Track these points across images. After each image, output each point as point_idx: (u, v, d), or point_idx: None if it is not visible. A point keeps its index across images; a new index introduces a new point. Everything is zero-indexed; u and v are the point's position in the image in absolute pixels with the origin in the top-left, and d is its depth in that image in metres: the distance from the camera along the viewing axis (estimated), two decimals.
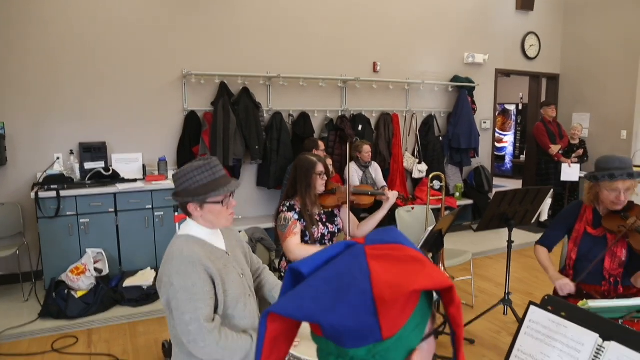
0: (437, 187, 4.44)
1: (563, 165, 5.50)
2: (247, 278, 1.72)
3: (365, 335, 0.50)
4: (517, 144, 9.90)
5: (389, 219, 3.89)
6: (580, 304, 1.49)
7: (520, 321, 1.30)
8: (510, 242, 3.01)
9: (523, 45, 6.43)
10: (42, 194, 3.49)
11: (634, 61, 5.93)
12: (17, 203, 3.81)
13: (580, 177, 5.53)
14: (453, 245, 3.97)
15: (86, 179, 3.85)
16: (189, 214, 1.62)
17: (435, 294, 0.58)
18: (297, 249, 2.23)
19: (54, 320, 3.21)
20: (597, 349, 1.12)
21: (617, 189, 2.12)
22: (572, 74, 6.66)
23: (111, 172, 3.95)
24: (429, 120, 5.72)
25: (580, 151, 5.78)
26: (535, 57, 6.55)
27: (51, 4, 3.87)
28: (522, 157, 8.86)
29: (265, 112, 4.70)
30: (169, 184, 3.95)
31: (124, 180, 3.95)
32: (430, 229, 2.60)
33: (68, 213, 3.58)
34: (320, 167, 2.36)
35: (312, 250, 2.23)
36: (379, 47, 5.33)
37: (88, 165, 3.93)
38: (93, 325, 3.22)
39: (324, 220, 2.43)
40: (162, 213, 3.88)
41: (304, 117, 4.85)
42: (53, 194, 3.51)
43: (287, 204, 2.35)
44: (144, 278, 3.64)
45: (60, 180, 3.69)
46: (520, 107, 9.78)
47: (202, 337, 1.45)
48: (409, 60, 5.56)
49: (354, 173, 4.52)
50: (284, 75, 4.68)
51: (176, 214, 3.38)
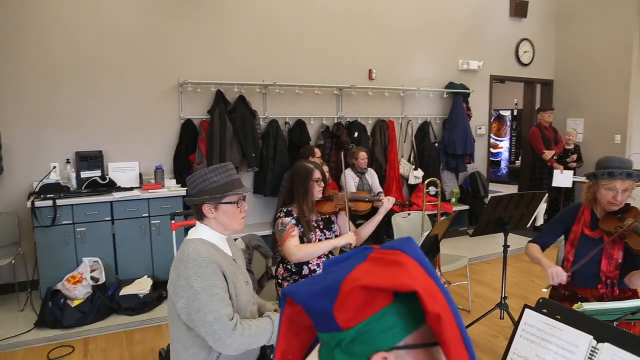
0: (432, 192, 4.47)
1: (555, 171, 5.54)
2: (250, 287, 1.76)
3: (325, 321, 0.52)
4: (513, 150, 9.96)
5: (386, 225, 3.92)
6: (575, 306, 1.50)
7: (516, 324, 1.30)
8: (505, 246, 3.02)
9: (517, 52, 6.50)
10: (38, 203, 3.49)
11: (626, 66, 6.01)
12: (13, 212, 3.81)
13: (575, 182, 5.56)
14: (450, 251, 3.98)
15: (82, 188, 3.86)
16: (201, 217, 1.65)
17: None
18: (297, 250, 2.24)
19: (50, 329, 3.20)
20: (592, 350, 1.14)
21: (614, 188, 2.11)
22: (565, 80, 6.74)
23: (107, 180, 3.96)
24: (424, 127, 5.76)
25: (574, 156, 5.82)
26: (529, 63, 6.62)
27: (48, 14, 3.90)
28: (518, 163, 8.91)
29: (262, 120, 4.72)
30: (166, 192, 3.97)
31: (121, 189, 3.96)
32: (425, 234, 2.61)
33: (64, 222, 3.58)
34: (317, 174, 2.37)
35: (311, 247, 2.25)
36: (374, 54, 5.39)
37: (84, 174, 3.94)
38: (89, 334, 3.21)
39: (321, 226, 2.44)
40: (158, 221, 3.89)
41: (300, 125, 4.88)
42: (49, 203, 3.52)
43: (285, 210, 2.37)
44: (140, 286, 3.63)
45: (56, 189, 3.70)
46: (515, 112, 9.85)
47: (228, 334, 1.48)
48: (404, 68, 5.61)
49: (350, 179, 4.55)
50: (279, 83, 4.72)
51: (172, 222, 3.38)
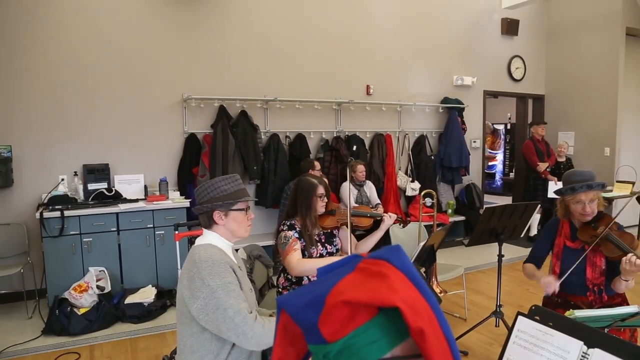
0: (429, 204, 4.59)
1: (550, 182, 5.69)
2: (253, 294, 1.82)
3: (311, 333, 0.53)
4: (507, 162, 10.14)
5: (384, 236, 4.02)
6: (567, 313, 1.57)
7: (509, 331, 1.35)
8: (500, 256, 3.08)
9: (509, 68, 6.70)
10: (46, 214, 3.59)
11: (614, 82, 6.22)
12: (22, 223, 3.91)
13: None
14: (446, 260, 4.09)
15: (89, 200, 3.97)
16: (210, 225, 1.71)
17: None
18: (299, 264, 2.26)
19: (57, 336, 3.28)
20: (582, 355, 1.17)
21: (580, 200, 2.21)
22: (556, 95, 6.94)
23: (114, 192, 4.07)
24: (420, 140, 5.92)
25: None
26: (521, 79, 6.82)
27: (53, 31, 4.04)
28: (512, 175, 9.07)
29: (263, 134, 4.86)
30: (170, 203, 4.07)
31: (126, 201, 4.07)
32: (422, 244, 2.71)
33: (72, 232, 3.68)
34: (320, 190, 2.42)
35: (312, 263, 2.27)
36: (371, 70, 5.56)
37: (91, 186, 4.05)
38: (95, 342, 3.27)
39: (323, 240, 2.48)
40: (162, 232, 3.98)
41: (300, 139, 5.02)
42: (57, 214, 3.61)
43: (288, 223, 2.41)
44: (145, 295, 3.72)
45: (64, 201, 3.81)
46: (508, 126, 10.05)
47: (250, 326, 1.51)
48: (400, 83, 5.79)
49: (348, 192, 4.65)
50: (280, 99, 4.87)
51: (176, 232, 3.48)
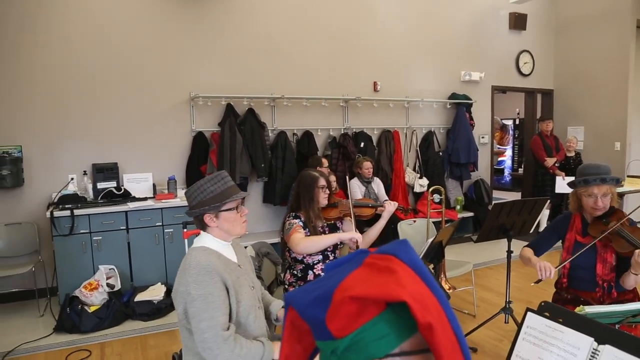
0: (437, 200, 4.57)
1: (557, 177, 5.63)
2: (257, 291, 1.79)
3: (319, 330, 0.52)
4: (516, 158, 10.05)
5: (393, 233, 4.02)
6: (578, 309, 1.54)
7: (518, 327, 1.34)
8: (509, 252, 3.05)
9: (517, 63, 6.64)
10: (57, 213, 3.63)
11: (623, 76, 6.13)
12: (33, 222, 3.95)
13: None
14: (455, 257, 4.06)
15: (99, 198, 4.00)
16: (204, 227, 1.70)
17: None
18: (301, 240, 2.30)
19: (68, 334, 3.32)
20: (593, 352, 1.16)
21: (593, 194, 2.17)
22: (565, 89, 6.87)
23: (123, 191, 4.10)
24: (428, 136, 5.89)
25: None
26: (530, 73, 6.76)
27: (60, 32, 4.07)
28: (521, 170, 9.00)
29: (270, 132, 4.86)
30: (178, 202, 4.08)
31: (135, 199, 4.09)
32: (430, 240, 2.70)
33: (82, 231, 3.71)
34: (322, 181, 2.46)
35: (314, 239, 2.31)
36: (378, 67, 5.54)
37: (101, 185, 4.08)
38: (106, 339, 3.30)
39: (327, 232, 2.52)
40: (171, 230, 4.00)
41: (307, 136, 5.02)
42: (67, 213, 3.65)
43: (293, 214, 2.47)
44: (154, 293, 3.74)
45: (74, 200, 3.85)
46: (517, 122, 9.96)
47: (217, 345, 1.49)
48: (408, 79, 5.76)
49: (356, 188, 4.66)
50: (287, 96, 4.87)
51: (185, 230, 3.50)
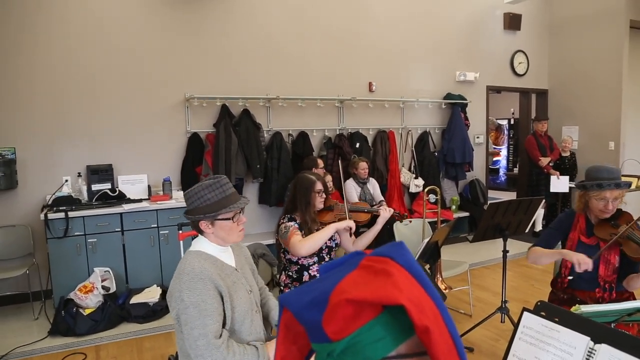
0: (432, 200, 4.57)
1: (552, 177, 5.67)
2: (254, 295, 1.77)
3: (315, 332, 0.52)
4: (511, 157, 10.10)
5: (388, 233, 4.02)
6: (573, 309, 1.54)
7: (515, 327, 1.34)
8: (505, 252, 3.07)
9: (512, 63, 6.67)
10: (51, 216, 3.61)
11: (617, 75, 6.17)
12: (27, 224, 3.92)
13: (571, 188, 5.70)
14: (450, 257, 4.07)
15: (93, 200, 3.98)
16: (200, 232, 1.68)
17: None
18: (301, 243, 2.29)
19: (63, 337, 3.30)
20: (589, 351, 1.16)
21: (605, 198, 2.17)
22: (559, 89, 6.90)
23: (117, 193, 4.08)
24: (424, 137, 5.90)
25: None
26: (524, 74, 6.79)
27: (56, 31, 4.05)
28: (516, 170, 9.04)
29: (266, 133, 4.86)
30: (174, 203, 4.07)
31: (130, 201, 4.08)
32: (426, 240, 2.70)
33: (76, 233, 3.69)
34: (319, 186, 2.45)
35: (313, 237, 2.30)
36: (374, 67, 5.55)
37: (95, 187, 4.06)
38: (101, 342, 3.29)
39: None
40: (167, 231, 3.99)
41: (303, 136, 5.02)
42: (62, 215, 3.62)
43: (288, 216, 2.46)
44: (150, 295, 3.73)
45: (68, 202, 3.82)
46: (512, 121, 10.01)
47: (210, 352, 1.48)
48: (403, 80, 5.77)
49: (352, 189, 4.66)
50: (283, 97, 4.87)
51: (180, 232, 3.49)
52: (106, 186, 4.09)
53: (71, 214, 3.66)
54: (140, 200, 4.11)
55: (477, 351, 3.04)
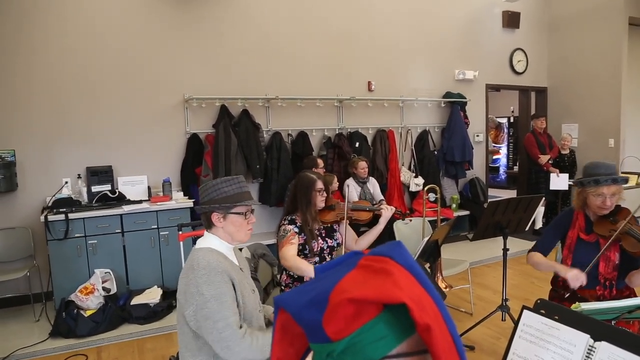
0: (432, 199, 4.57)
1: (551, 175, 5.66)
2: (256, 295, 1.80)
3: (315, 332, 0.52)
4: (511, 156, 10.09)
5: (389, 232, 4.02)
6: (574, 306, 1.54)
7: (515, 325, 1.34)
8: (505, 250, 3.07)
9: (511, 61, 6.67)
10: (51, 217, 3.61)
11: (617, 73, 6.17)
12: (27, 227, 3.93)
13: (570, 185, 5.70)
14: (451, 255, 4.07)
15: (93, 202, 3.98)
16: (210, 226, 1.70)
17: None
18: (293, 258, 2.28)
19: (64, 339, 3.30)
20: (589, 349, 1.17)
21: (602, 194, 2.17)
22: (559, 87, 6.90)
23: (117, 194, 4.08)
24: (423, 135, 5.90)
25: None
26: (524, 72, 6.78)
27: (54, 35, 4.05)
28: (516, 168, 9.03)
29: (265, 133, 4.86)
30: (174, 204, 4.08)
31: (130, 202, 4.08)
32: (425, 239, 2.70)
33: (76, 235, 3.69)
34: (319, 185, 2.45)
35: (305, 265, 2.25)
36: (373, 67, 5.54)
37: (95, 189, 4.06)
38: (102, 343, 3.29)
39: (324, 234, 2.52)
40: (167, 232, 3.99)
41: (302, 136, 5.02)
42: (62, 217, 3.63)
43: (289, 218, 2.46)
44: (150, 296, 3.73)
45: (68, 204, 3.82)
46: (512, 120, 10.00)
47: (237, 342, 1.50)
48: (402, 79, 5.76)
49: (352, 189, 4.66)
50: (282, 97, 4.87)
51: (180, 232, 3.49)
52: (106, 188, 4.09)
53: (71, 215, 3.66)
54: (140, 202, 4.11)
55: (478, 349, 3.04)
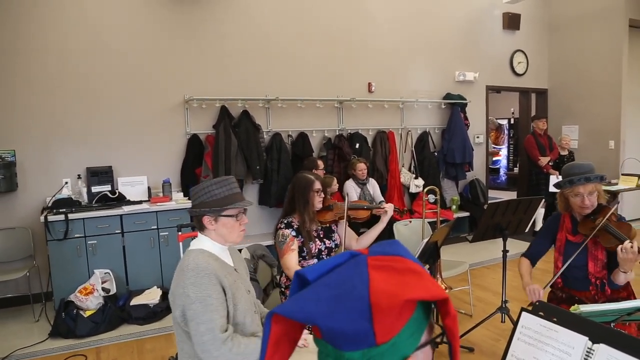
0: (432, 200, 4.57)
1: (551, 176, 5.66)
2: (252, 296, 1.79)
3: (361, 340, 0.52)
4: (511, 157, 10.09)
5: (388, 233, 4.02)
6: (572, 308, 1.55)
7: (513, 327, 1.34)
8: (505, 251, 3.07)
9: (511, 63, 6.67)
10: (51, 218, 3.61)
11: (617, 74, 6.17)
12: (27, 227, 3.93)
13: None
14: (451, 257, 4.07)
15: (93, 202, 3.98)
16: (202, 228, 1.69)
17: (432, 305, 0.59)
18: (289, 270, 2.29)
19: (64, 339, 3.30)
20: (587, 351, 1.16)
21: (579, 193, 2.20)
22: (559, 89, 6.90)
23: (117, 194, 4.08)
24: (423, 137, 5.90)
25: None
26: (524, 73, 6.79)
27: (54, 35, 4.06)
28: (516, 170, 9.03)
29: (265, 134, 4.86)
30: (174, 205, 4.08)
31: (130, 202, 4.08)
32: (425, 240, 2.70)
33: (76, 235, 3.69)
34: (317, 185, 2.44)
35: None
36: (373, 68, 5.55)
37: (95, 189, 4.06)
38: (102, 344, 3.29)
39: (321, 235, 2.50)
40: (167, 233, 3.99)
41: (302, 137, 5.02)
42: (62, 217, 3.63)
43: (285, 221, 2.43)
44: (150, 296, 3.73)
45: (68, 204, 3.82)
46: (512, 121, 10.00)
47: (216, 347, 1.50)
48: (402, 80, 5.77)
49: (352, 190, 4.66)
50: (282, 98, 4.87)
51: (180, 233, 3.49)
52: (106, 188, 4.10)
53: (71, 216, 3.66)
54: (140, 202, 4.11)
55: (477, 351, 3.04)
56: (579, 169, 2.24)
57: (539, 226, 5.93)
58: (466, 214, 5.93)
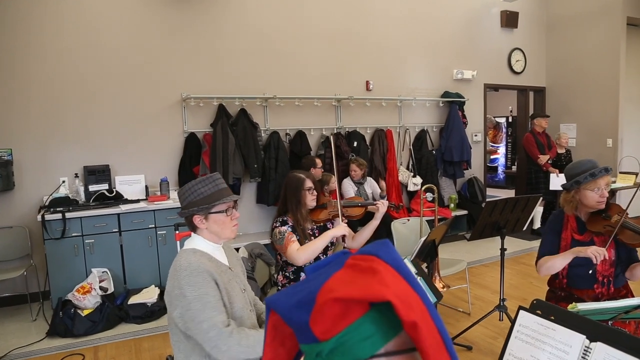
0: (430, 198, 4.57)
1: (551, 175, 5.67)
2: (248, 294, 1.78)
3: (303, 333, 0.53)
4: (509, 155, 10.10)
5: (386, 232, 4.02)
6: (570, 307, 1.55)
7: (511, 325, 1.33)
8: (503, 249, 3.07)
9: (509, 61, 6.67)
10: (48, 217, 3.60)
11: (615, 73, 6.17)
12: (24, 226, 3.91)
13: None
14: (449, 255, 4.08)
15: (91, 201, 3.97)
16: (194, 228, 1.69)
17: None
18: (299, 253, 2.27)
19: (61, 338, 3.29)
20: (585, 349, 1.16)
21: (599, 186, 2.19)
22: (557, 87, 6.91)
23: (115, 193, 4.07)
24: (421, 135, 5.90)
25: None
26: (522, 71, 6.79)
27: (52, 34, 4.04)
28: (514, 168, 9.04)
29: (263, 132, 4.85)
30: (171, 203, 4.06)
31: (127, 201, 4.07)
32: (422, 239, 2.70)
33: (73, 234, 3.68)
34: (308, 183, 2.41)
35: (311, 247, 2.28)
36: (371, 66, 5.54)
37: (92, 188, 4.05)
38: (99, 343, 3.28)
39: (317, 234, 2.48)
40: (164, 232, 3.98)
41: (300, 136, 5.01)
42: (59, 216, 3.62)
43: (280, 220, 2.41)
44: (148, 295, 3.72)
45: (65, 203, 3.81)
46: (510, 119, 10.01)
47: (224, 341, 1.49)
48: (400, 78, 5.76)
49: (349, 188, 4.66)
50: (280, 96, 4.86)
51: (177, 232, 3.48)
52: (103, 187, 4.08)
53: (68, 214, 3.65)
54: (137, 201, 4.10)
55: (475, 349, 3.04)
56: (591, 164, 2.23)
57: (537, 224, 5.96)
58: (464, 212, 5.93)
